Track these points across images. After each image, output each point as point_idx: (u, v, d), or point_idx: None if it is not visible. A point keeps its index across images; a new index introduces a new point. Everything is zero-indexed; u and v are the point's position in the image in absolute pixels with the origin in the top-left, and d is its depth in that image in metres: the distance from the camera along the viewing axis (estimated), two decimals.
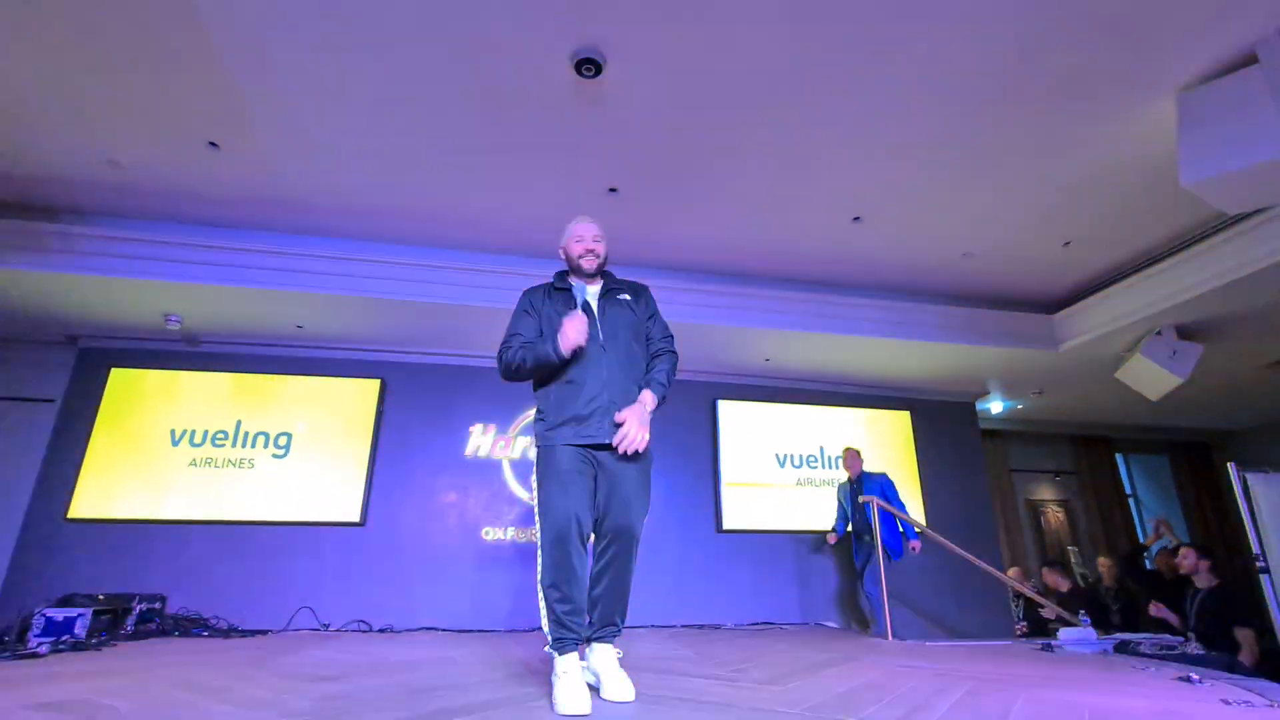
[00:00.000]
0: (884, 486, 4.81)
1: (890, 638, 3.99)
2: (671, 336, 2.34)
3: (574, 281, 2.31)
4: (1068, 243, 4.59)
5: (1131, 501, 8.31)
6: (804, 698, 2.03)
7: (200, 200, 4.14)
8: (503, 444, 5.48)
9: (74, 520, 4.60)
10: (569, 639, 1.93)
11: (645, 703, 1.94)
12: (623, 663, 2.07)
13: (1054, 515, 7.93)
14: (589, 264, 2.28)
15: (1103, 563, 5.88)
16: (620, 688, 1.92)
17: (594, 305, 2.24)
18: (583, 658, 2.03)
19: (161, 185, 3.99)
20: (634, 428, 2.03)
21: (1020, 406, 7.15)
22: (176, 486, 4.83)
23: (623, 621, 2.09)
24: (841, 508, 5.10)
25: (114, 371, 4.99)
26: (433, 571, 5.01)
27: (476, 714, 1.78)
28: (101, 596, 3.97)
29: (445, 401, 5.48)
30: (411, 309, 4.69)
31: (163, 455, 4.88)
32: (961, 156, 3.67)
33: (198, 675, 2.47)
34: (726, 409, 5.97)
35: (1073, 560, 7.73)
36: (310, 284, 4.43)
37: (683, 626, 4.97)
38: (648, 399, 2.13)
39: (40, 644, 3.26)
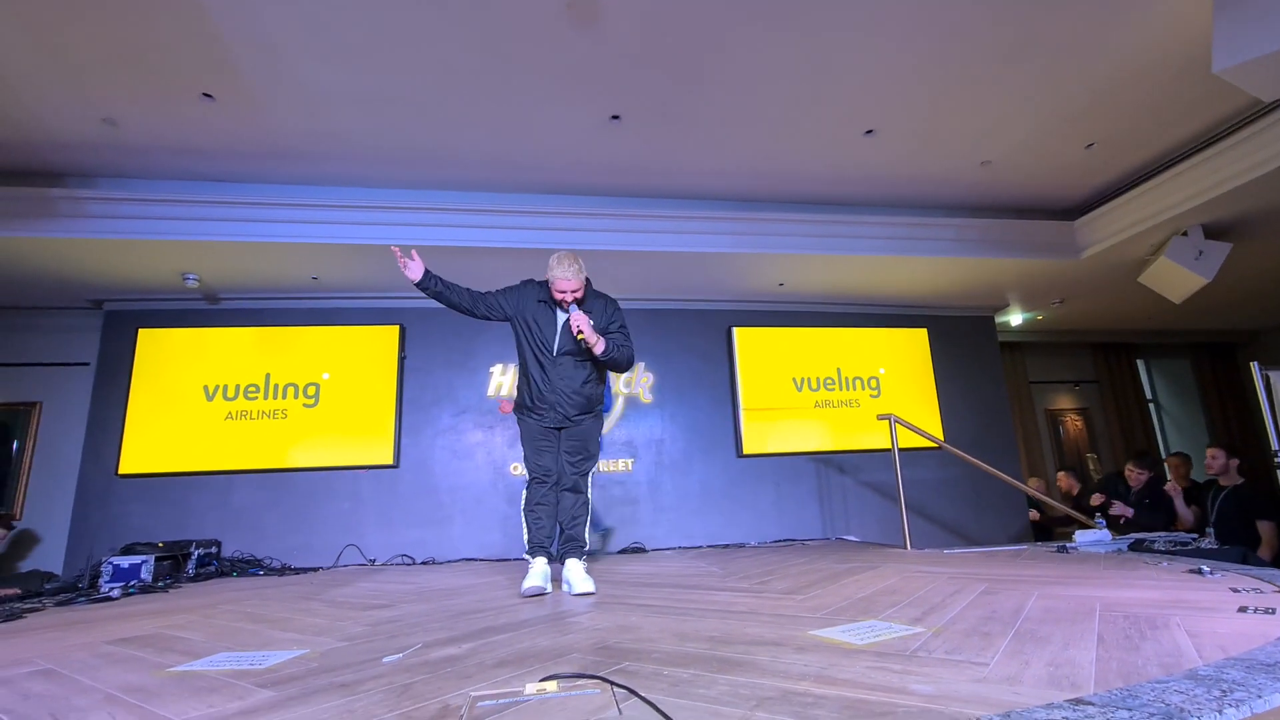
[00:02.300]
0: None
1: (908, 547, 4.14)
2: (629, 346, 2.87)
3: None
4: (1091, 144, 4.41)
5: (1152, 406, 8.31)
6: (825, 603, 2.14)
7: (200, 155, 4.11)
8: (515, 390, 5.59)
9: (125, 475, 4.84)
10: (537, 548, 2.78)
11: (675, 615, 2.07)
12: (650, 579, 2.24)
13: (1073, 424, 7.98)
14: (567, 305, 2.78)
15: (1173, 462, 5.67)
16: (583, 584, 2.62)
17: (558, 322, 2.83)
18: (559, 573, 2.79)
19: (160, 142, 3.95)
20: (584, 322, 2.65)
21: (1040, 317, 7.07)
22: (216, 439, 5.03)
23: (584, 543, 2.84)
24: None
25: (141, 332, 5.12)
26: (467, 507, 5.24)
27: (518, 630, 1.92)
28: (161, 544, 4.23)
29: (464, 344, 5.56)
30: (423, 253, 4.65)
31: (199, 410, 5.06)
32: (979, 58, 3.48)
33: (259, 609, 2.67)
34: (742, 336, 5.99)
35: (1091, 468, 7.83)
36: (319, 234, 4.44)
37: (708, 547, 5.19)
38: (600, 341, 2.71)
39: (111, 589, 3.51)
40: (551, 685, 1.26)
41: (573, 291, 2.73)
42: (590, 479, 2.89)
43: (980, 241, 5.23)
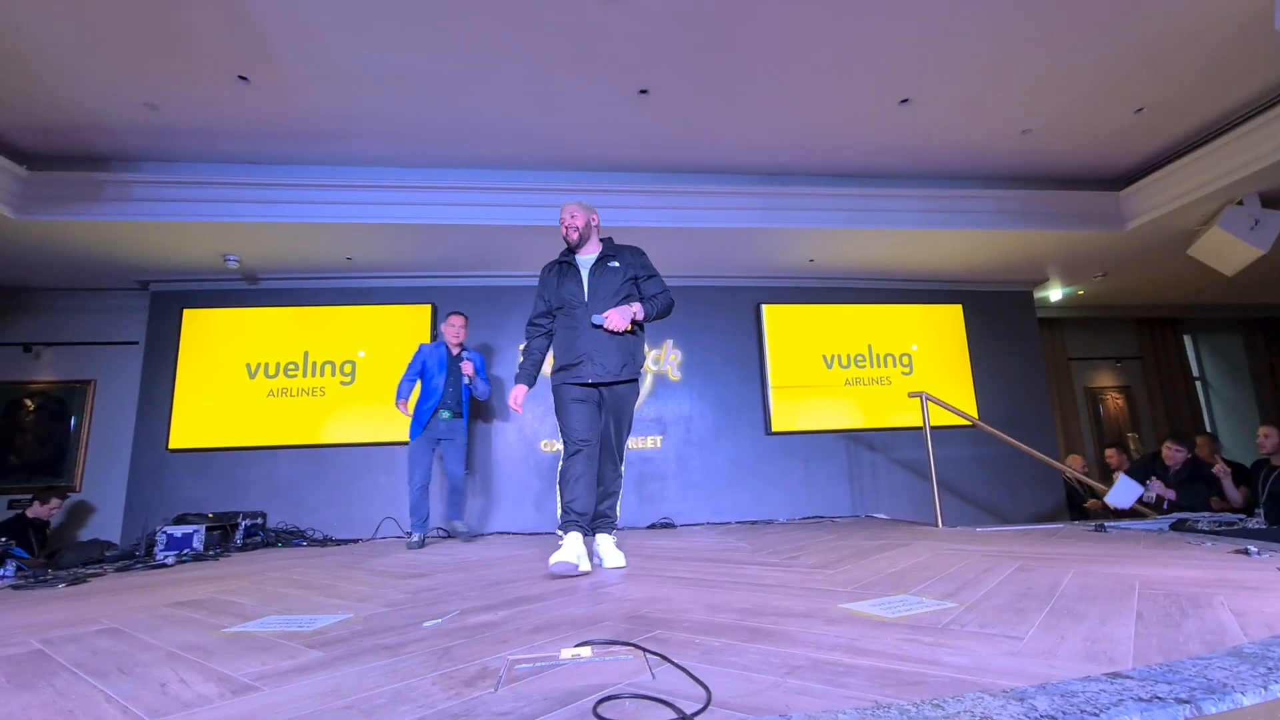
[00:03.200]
0: (482, 358, 4.59)
1: (940, 525, 4.10)
2: (666, 291, 2.82)
3: (576, 255, 2.85)
4: (1140, 109, 4.21)
5: (1198, 384, 8.02)
6: (855, 578, 2.15)
7: (237, 137, 4.19)
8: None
9: (174, 450, 5.06)
10: (570, 523, 2.59)
11: (705, 587, 2.10)
12: (680, 553, 2.29)
13: (1113, 402, 7.75)
14: (571, 238, 2.81)
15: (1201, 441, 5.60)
16: (614, 559, 2.63)
17: (584, 273, 2.78)
18: (590, 547, 2.68)
19: (198, 125, 4.05)
20: (614, 316, 2.63)
21: (1081, 292, 6.85)
22: (259, 415, 5.21)
23: (616, 519, 2.79)
24: (429, 374, 4.36)
25: (186, 312, 5.29)
26: (500, 482, 5.35)
27: (551, 600, 1.97)
28: (210, 515, 4.42)
29: (494, 322, 5.63)
30: (453, 232, 4.75)
31: (242, 387, 5.24)
32: (1020, 19, 3.34)
33: (305, 576, 2.78)
34: (771, 313, 5.93)
35: (1132, 448, 7.62)
36: (352, 214, 4.51)
37: (737, 523, 5.22)
38: (636, 307, 2.69)
39: (166, 556, 3.69)
40: (585, 651, 1.29)
41: (569, 216, 2.78)
42: (624, 456, 2.83)
43: (1020, 213, 5.07)
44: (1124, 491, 3.53)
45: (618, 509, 2.81)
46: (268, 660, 1.36)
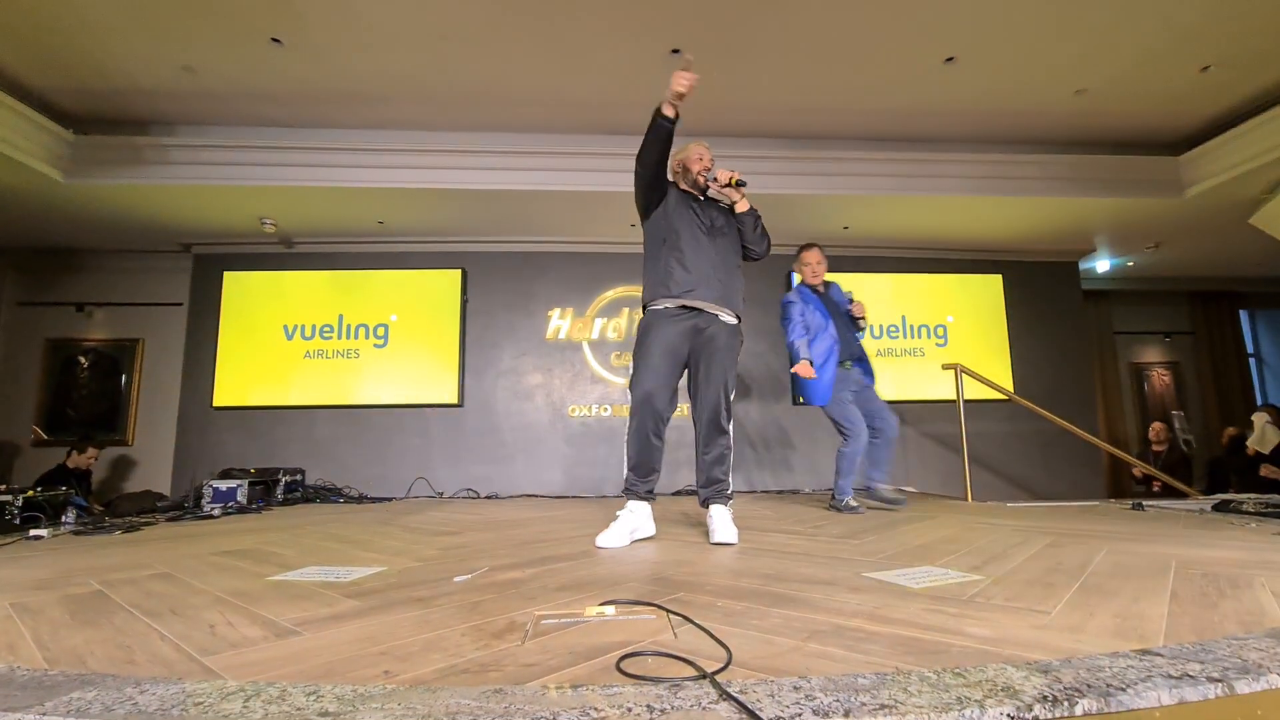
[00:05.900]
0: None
1: (970, 499, 4.05)
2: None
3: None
4: (1206, 67, 3.95)
5: (1252, 361, 7.67)
6: (880, 549, 2.14)
7: (272, 101, 4.23)
8: (581, 326, 5.67)
9: (219, 408, 5.26)
10: (635, 489, 2.38)
11: (729, 552, 2.12)
12: (704, 518, 2.37)
13: (1159, 378, 7.48)
14: (701, 182, 2.55)
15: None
16: (725, 533, 2.28)
17: (698, 208, 2.54)
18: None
19: (234, 88, 4.09)
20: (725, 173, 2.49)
21: (1131, 263, 6.56)
22: (297, 376, 5.38)
23: (728, 483, 2.44)
24: (811, 328, 3.44)
25: (226, 275, 5.44)
26: (527, 446, 5.44)
27: (577, 560, 2.01)
28: (253, 471, 4.60)
29: (524, 287, 5.65)
30: (482, 196, 4.74)
31: (280, 349, 5.40)
32: None
33: (342, 531, 2.89)
34: None
35: (1177, 425, 7.37)
36: (383, 178, 4.54)
37: (762, 491, 5.24)
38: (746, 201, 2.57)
39: (213, 509, 3.87)
40: (609, 609, 1.32)
41: (711, 159, 2.58)
42: (731, 415, 2.47)
43: (1070, 179, 4.84)
44: None
45: (730, 475, 2.46)
46: (307, 608, 1.42)
